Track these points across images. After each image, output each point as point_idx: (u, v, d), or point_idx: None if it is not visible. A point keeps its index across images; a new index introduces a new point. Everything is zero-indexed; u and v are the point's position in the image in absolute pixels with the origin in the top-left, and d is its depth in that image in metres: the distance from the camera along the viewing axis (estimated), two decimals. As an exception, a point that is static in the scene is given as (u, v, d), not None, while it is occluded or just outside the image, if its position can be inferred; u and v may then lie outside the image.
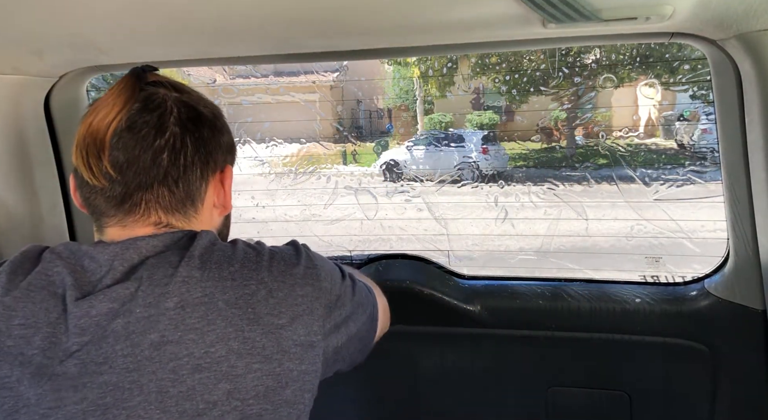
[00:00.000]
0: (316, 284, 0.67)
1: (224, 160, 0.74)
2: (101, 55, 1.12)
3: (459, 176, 2.99)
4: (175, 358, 0.56)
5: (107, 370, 0.56)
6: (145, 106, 0.67)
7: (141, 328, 0.57)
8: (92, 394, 0.55)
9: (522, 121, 2.31)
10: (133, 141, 0.65)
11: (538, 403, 1.38)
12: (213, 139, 0.72)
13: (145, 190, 0.66)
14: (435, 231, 1.85)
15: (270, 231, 1.83)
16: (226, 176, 0.74)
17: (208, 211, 0.72)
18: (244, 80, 4.81)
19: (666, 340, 1.29)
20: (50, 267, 0.61)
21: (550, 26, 0.91)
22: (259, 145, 1.97)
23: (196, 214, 0.70)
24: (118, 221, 0.67)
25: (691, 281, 1.34)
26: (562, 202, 1.82)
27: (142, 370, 0.56)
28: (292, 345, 0.62)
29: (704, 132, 1.85)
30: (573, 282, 1.39)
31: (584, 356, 1.34)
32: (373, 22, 0.94)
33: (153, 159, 0.65)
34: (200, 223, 0.71)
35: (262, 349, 0.60)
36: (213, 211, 0.74)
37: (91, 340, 0.56)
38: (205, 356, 0.57)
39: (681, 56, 1.67)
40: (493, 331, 1.37)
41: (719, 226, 1.26)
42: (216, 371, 0.57)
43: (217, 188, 0.73)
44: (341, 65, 6.04)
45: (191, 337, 0.57)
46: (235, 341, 0.58)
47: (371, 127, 6.97)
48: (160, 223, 0.67)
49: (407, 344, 1.42)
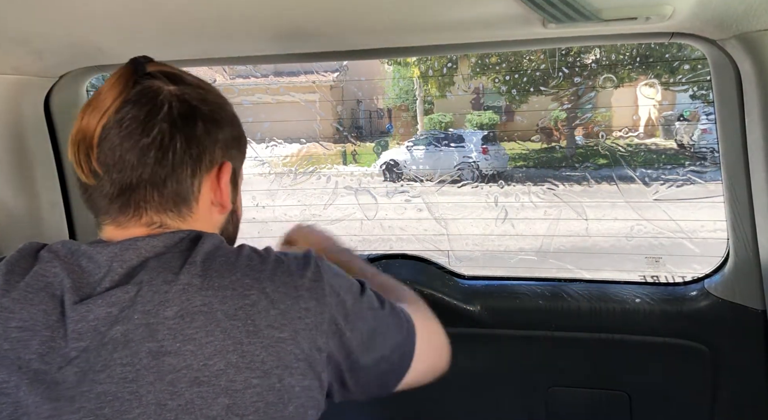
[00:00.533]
0: (321, 299, 0.63)
1: (222, 156, 0.69)
2: (101, 55, 1.12)
3: (459, 176, 2.97)
4: (174, 370, 0.55)
5: (105, 379, 0.54)
6: (137, 100, 0.64)
7: (139, 336, 0.55)
8: (90, 404, 0.53)
9: (522, 121, 2.31)
10: (119, 139, 0.62)
11: (538, 403, 1.38)
12: (208, 135, 0.67)
13: (134, 189, 0.63)
14: (435, 231, 1.84)
15: (270, 231, 1.83)
16: (223, 173, 0.69)
17: (206, 210, 0.69)
18: (244, 80, 4.81)
19: (666, 340, 1.29)
20: (48, 268, 0.59)
21: (550, 26, 0.91)
22: (259, 145, 1.97)
23: (191, 213, 0.67)
24: (112, 220, 0.65)
25: (691, 281, 1.34)
26: (562, 202, 1.82)
27: (141, 380, 0.54)
28: (294, 359, 0.59)
29: (704, 132, 1.85)
30: (573, 282, 1.39)
31: (584, 356, 1.34)
32: (373, 22, 0.94)
33: (139, 158, 0.62)
34: (198, 223, 0.68)
35: (261, 363, 0.57)
36: (212, 210, 0.70)
37: (90, 347, 0.55)
38: (204, 369, 0.55)
39: (681, 56, 1.67)
40: (493, 331, 1.37)
41: (719, 226, 1.26)
42: (215, 385, 0.55)
43: (214, 186, 0.69)
44: (341, 65, 6.04)
45: (189, 348, 0.55)
46: (234, 354, 0.56)
47: (371, 127, 6.97)
48: (153, 224, 0.65)
49: None
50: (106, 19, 0.86)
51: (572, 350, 1.34)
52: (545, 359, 1.36)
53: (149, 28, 0.93)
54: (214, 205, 0.69)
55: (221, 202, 0.69)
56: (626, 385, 1.33)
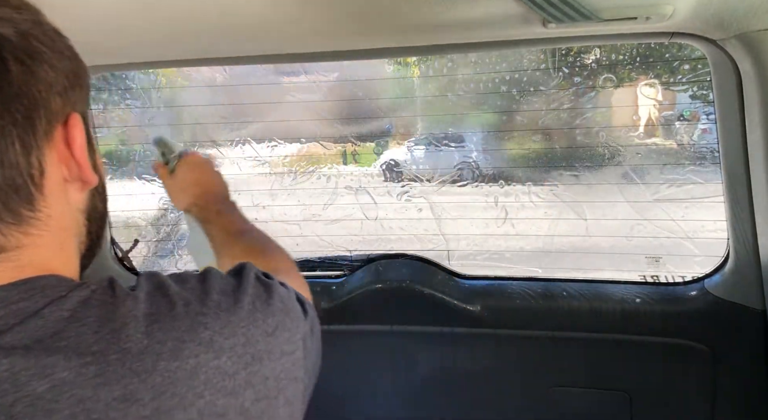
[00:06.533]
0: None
1: (64, 104, 0.45)
2: (101, 55, 1.12)
3: (459, 176, 2.97)
4: None
5: None
6: None
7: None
8: None
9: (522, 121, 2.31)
10: None
11: (538, 403, 1.38)
12: (30, 77, 0.42)
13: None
14: (435, 231, 1.84)
15: (270, 231, 1.84)
16: (74, 130, 0.45)
17: (58, 195, 0.45)
18: (244, 80, 4.81)
19: (666, 340, 1.29)
20: None
21: (550, 26, 0.91)
22: (259, 145, 1.97)
23: (34, 209, 0.42)
24: None
25: (691, 281, 1.34)
26: (562, 202, 1.82)
27: None
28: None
29: (704, 132, 1.85)
30: (573, 282, 1.39)
31: (584, 356, 1.34)
32: (372, 22, 0.94)
33: None
34: (49, 228, 0.44)
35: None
36: (67, 192, 0.46)
37: None
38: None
39: (681, 56, 1.67)
40: (493, 331, 1.37)
41: (719, 226, 1.26)
42: None
43: (64, 154, 0.45)
44: (341, 65, 6.02)
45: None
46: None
47: (371, 127, 6.96)
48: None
49: (407, 344, 1.42)
50: (106, 19, 0.86)
51: (572, 350, 1.34)
52: (545, 359, 1.36)
53: (149, 28, 0.93)
54: (70, 182, 0.46)
55: (81, 175, 0.46)
56: (626, 385, 1.33)
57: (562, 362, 1.35)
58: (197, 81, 1.92)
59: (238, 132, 1.94)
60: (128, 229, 1.91)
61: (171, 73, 1.89)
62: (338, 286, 1.47)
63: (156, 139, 1.00)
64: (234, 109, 1.97)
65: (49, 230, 0.44)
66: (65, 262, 0.47)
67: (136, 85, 1.85)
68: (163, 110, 1.94)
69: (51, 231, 0.44)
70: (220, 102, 1.99)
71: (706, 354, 1.27)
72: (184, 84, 1.95)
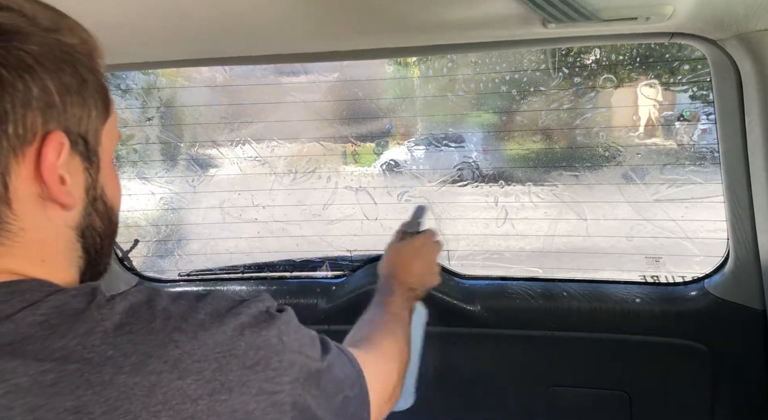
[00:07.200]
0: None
1: (45, 122, 0.43)
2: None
3: (459, 176, 2.98)
4: None
5: None
6: None
7: None
8: None
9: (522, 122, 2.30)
10: None
11: (538, 403, 1.38)
12: (7, 92, 0.40)
13: None
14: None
15: (271, 231, 1.83)
16: (46, 149, 0.43)
17: (32, 209, 0.43)
18: (244, 80, 4.81)
19: (666, 340, 1.29)
20: None
21: (550, 26, 0.91)
22: (259, 144, 1.97)
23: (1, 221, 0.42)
24: None
25: (691, 281, 1.34)
26: (562, 203, 1.81)
27: None
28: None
29: (704, 132, 1.85)
30: (573, 282, 1.39)
31: (584, 356, 1.34)
32: (373, 22, 0.94)
33: None
34: (22, 238, 0.43)
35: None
36: (45, 207, 0.44)
37: None
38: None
39: (681, 57, 1.67)
40: (493, 331, 1.37)
41: (719, 226, 1.26)
42: None
43: (33, 172, 0.43)
44: (341, 65, 6.02)
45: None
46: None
47: (371, 127, 6.96)
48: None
49: None
50: (107, 19, 0.86)
51: (572, 350, 1.34)
52: (545, 359, 1.36)
53: (149, 28, 0.93)
54: (46, 199, 0.44)
55: (50, 195, 0.44)
56: (626, 385, 1.33)
57: (562, 362, 1.35)
58: (197, 81, 1.92)
59: (238, 132, 1.94)
60: (128, 229, 1.91)
61: (171, 73, 1.89)
62: (338, 286, 1.47)
63: (422, 208, 1.08)
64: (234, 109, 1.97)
65: (23, 242, 0.44)
66: (51, 274, 0.45)
67: (136, 85, 1.85)
68: (163, 110, 1.94)
69: (24, 243, 0.44)
70: (220, 102, 1.98)
71: (705, 354, 1.27)
72: (184, 84, 1.95)
